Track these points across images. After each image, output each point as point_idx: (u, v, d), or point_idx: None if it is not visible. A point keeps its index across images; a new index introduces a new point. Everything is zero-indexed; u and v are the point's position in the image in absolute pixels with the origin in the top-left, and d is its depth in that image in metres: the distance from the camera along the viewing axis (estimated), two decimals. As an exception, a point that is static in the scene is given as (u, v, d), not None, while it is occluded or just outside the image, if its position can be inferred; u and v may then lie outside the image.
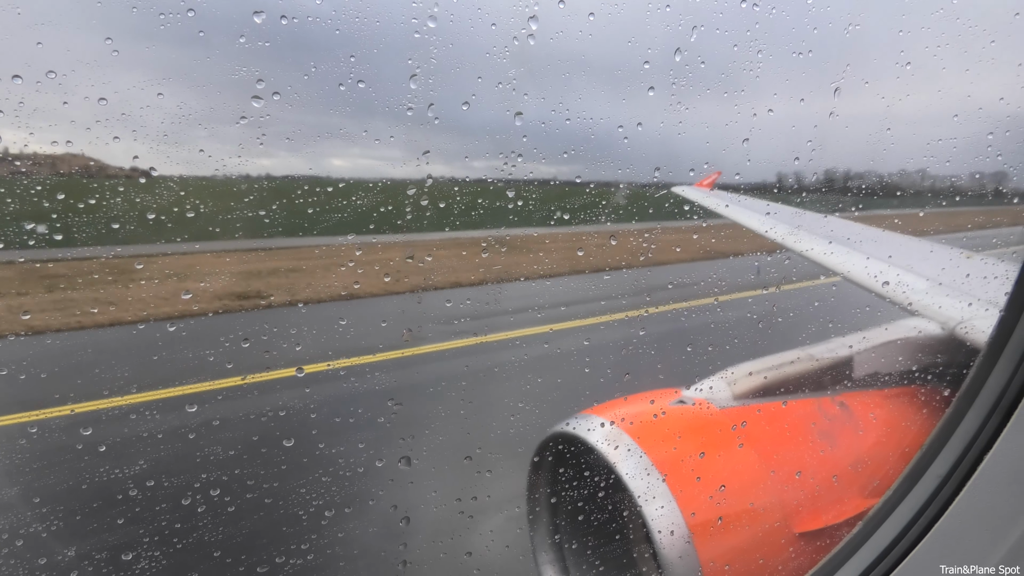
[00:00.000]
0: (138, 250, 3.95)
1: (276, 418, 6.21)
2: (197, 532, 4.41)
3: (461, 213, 3.39)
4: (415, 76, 2.02)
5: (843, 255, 3.50)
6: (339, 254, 7.24)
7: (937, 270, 3.18)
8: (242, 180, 2.95)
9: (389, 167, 2.68)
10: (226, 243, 3.87)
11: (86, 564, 4.17)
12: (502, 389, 6.96)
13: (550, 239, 6.83)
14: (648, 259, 3.92)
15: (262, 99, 2.01)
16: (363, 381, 7.28)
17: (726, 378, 2.77)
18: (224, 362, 7.44)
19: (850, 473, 2.44)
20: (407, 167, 2.33)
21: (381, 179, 3.23)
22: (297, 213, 3.55)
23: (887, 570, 1.44)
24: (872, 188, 3.15)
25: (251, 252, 9.73)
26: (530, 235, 6.55)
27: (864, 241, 3.79)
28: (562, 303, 10.29)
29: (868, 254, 3.51)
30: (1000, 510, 1.32)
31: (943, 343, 2.70)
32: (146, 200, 2.73)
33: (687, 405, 2.63)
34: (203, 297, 8.04)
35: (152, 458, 5.42)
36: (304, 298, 8.96)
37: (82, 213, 2.68)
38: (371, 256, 3.09)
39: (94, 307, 8.15)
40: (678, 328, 8.44)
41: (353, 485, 5.13)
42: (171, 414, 6.33)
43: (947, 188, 2.93)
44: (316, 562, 4.37)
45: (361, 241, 3.19)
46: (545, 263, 8.15)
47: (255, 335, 7.51)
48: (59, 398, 6.18)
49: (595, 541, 2.70)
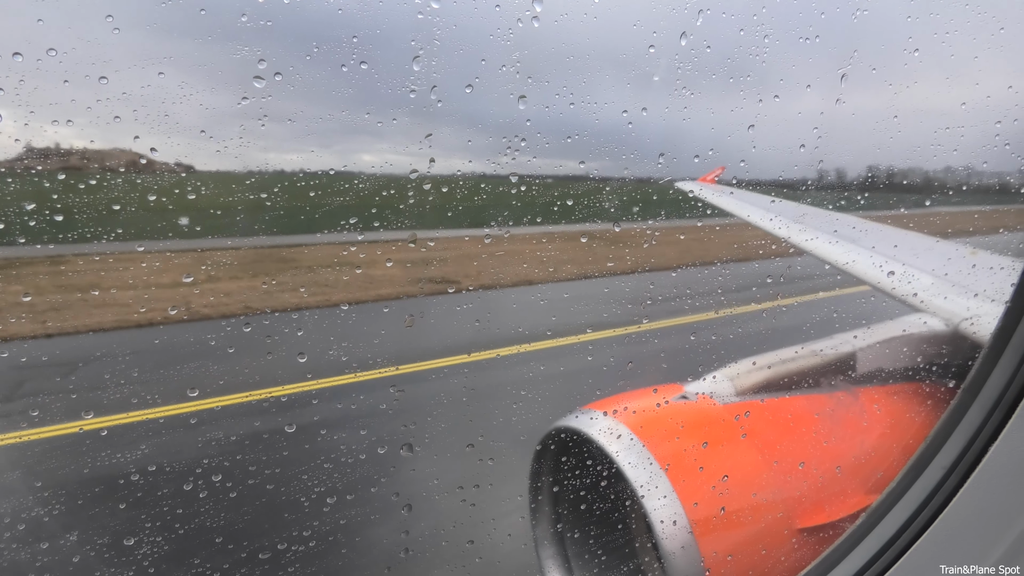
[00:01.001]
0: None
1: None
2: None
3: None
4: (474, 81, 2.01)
5: (847, 250, 3.49)
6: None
7: (941, 265, 3.16)
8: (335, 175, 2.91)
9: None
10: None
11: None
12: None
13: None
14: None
15: (263, 79, 1.99)
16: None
17: (728, 373, 2.77)
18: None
19: (852, 468, 2.43)
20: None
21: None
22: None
23: (886, 566, 1.43)
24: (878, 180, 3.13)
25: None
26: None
27: (868, 236, 3.77)
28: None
29: (872, 249, 3.50)
30: (1001, 507, 1.32)
31: (947, 339, 2.69)
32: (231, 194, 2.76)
33: (689, 400, 2.62)
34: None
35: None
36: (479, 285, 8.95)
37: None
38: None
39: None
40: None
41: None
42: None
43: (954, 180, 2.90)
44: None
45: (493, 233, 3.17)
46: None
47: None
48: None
49: (597, 534, 2.69)
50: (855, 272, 3.26)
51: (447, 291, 8.06)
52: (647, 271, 5.88)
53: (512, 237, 3.48)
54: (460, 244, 5.39)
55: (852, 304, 3.71)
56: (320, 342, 6.93)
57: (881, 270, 3.16)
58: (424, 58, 1.90)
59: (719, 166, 4.88)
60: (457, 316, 8.33)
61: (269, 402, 6.21)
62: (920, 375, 2.82)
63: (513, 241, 4.06)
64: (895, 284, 3.04)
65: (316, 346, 6.81)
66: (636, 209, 3.54)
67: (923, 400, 2.68)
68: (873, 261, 3.33)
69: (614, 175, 3.04)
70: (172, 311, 7.71)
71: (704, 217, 5.73)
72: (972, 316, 2.60)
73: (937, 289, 2.92)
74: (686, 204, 5.65)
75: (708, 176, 5.67)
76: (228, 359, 7.06)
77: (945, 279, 3.03)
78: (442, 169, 2.47)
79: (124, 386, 6.57)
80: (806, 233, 3.88)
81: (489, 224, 3.23)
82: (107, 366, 7.13)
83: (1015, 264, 2.98)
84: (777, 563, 2.22)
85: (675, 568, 2.08)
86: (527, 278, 8.83)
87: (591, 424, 2.41)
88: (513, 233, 3.31)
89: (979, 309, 2.64)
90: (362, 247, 3.10)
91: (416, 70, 1.91)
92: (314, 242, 9.29)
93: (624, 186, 3.31)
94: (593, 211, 3.31)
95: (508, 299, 9.14)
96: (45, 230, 2.71)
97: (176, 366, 7.07)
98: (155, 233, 3.03)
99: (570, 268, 8.85)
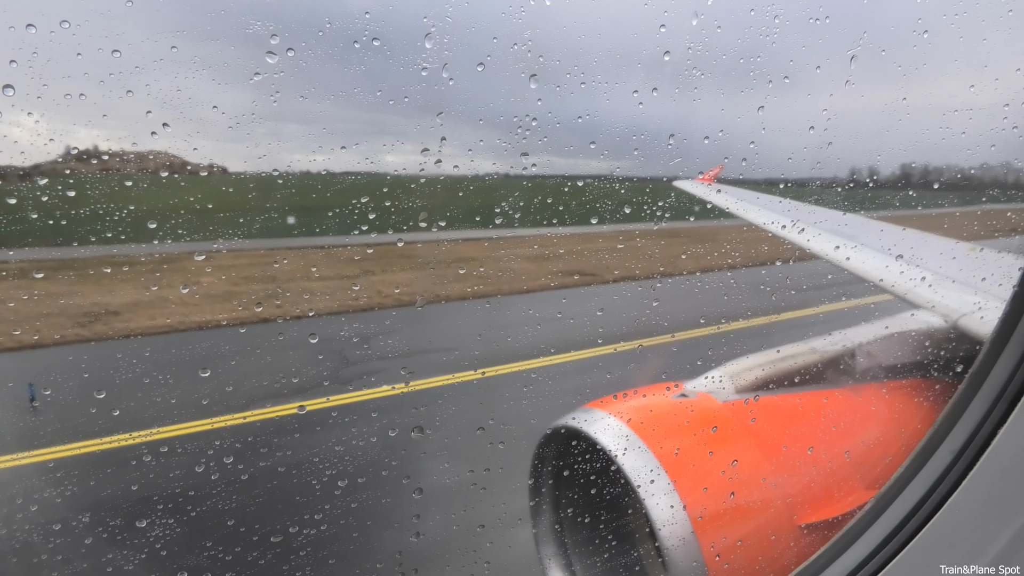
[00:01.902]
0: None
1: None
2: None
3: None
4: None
5: (847, 248, 3.49)
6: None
7: (939, 261, 3.16)
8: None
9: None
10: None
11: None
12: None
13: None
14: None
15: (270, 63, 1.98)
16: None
17: (728, 371, 2.77)
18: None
19: (851, 465, 2.44)
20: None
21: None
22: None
23: (884, 561, 1.43)
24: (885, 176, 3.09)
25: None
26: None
27: (868, 233, 3.78)
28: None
29: (871, 246, 3.50)
30: (1001, 504, 1.31)
31: (947, 335, 2.69)
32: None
33: (689, 398, 2.62)
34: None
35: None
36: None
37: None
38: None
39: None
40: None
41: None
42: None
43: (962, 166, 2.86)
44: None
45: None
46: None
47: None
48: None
49: (598, 532, 2.69)
50: (856, 269, 3.26)
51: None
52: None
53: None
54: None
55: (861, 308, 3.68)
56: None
57: (882, 267, 3.16)
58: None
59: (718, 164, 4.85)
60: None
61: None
62: (920, 371, 2.82)
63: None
64: (896, 280, 3.04)
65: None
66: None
67: (924, 396, 2.68)
68: (871, 259, 3.33)
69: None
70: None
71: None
72: (972, 311, 2.60)
73: (938, 285, 2.92)
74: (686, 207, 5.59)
75: (707, 175, 5.64)
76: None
77: (945, 275, 3.02)
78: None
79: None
80: (807, 232, 3.88)
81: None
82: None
83: (1017, 258, 2.98)
84: (777, 559, 2.22)
85: (676, 564, 2.08)
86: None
87: (591, 422, 2.42)
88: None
89: (980, 305, 2.64)
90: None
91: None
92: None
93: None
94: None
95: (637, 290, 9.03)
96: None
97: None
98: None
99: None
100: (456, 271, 8.39)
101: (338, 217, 3.20)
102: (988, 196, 3.61)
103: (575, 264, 11.35)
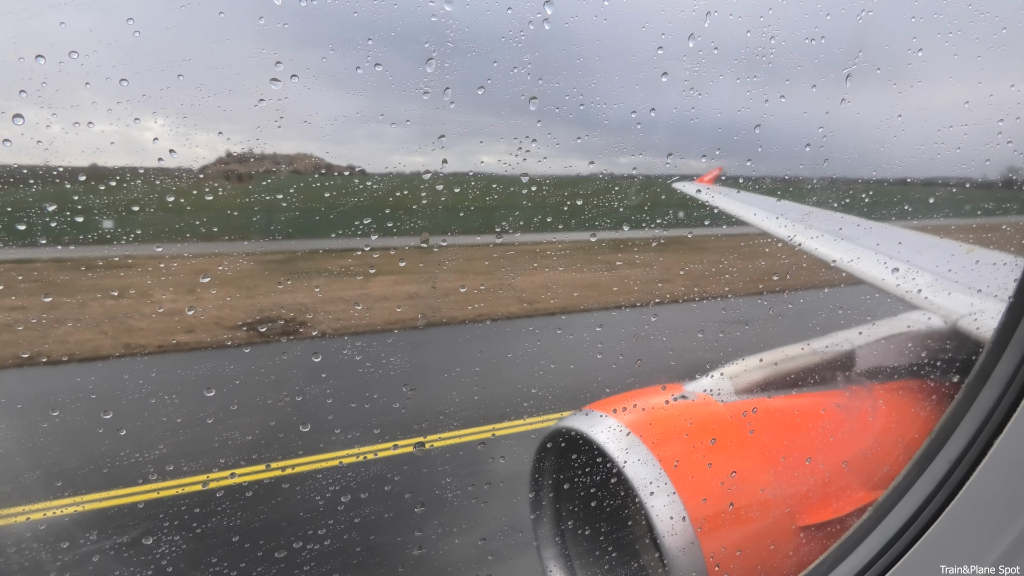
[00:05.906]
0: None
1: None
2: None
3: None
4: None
5: (848, 250, 3.49)
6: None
7: (942, 263, 3.16)
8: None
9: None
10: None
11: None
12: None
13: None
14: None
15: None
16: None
17: (729, 373, 2.76)
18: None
19: (852, 467, 2.44)
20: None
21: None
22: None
23: (888, 565, 1.43)
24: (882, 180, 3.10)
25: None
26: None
27: (868, 235, 3.77)
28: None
29: (872, 248, 3.50)
30: (1002, 506, 1.31)
31: (948, 336, 2.69)
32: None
33: (689, 400, 2.62)
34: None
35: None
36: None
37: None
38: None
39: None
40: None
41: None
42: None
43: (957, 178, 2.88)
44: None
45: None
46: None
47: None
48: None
49: (599, 535, 2.69)
50: (857, 271, 3.26)
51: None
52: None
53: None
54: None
55: (854, 301, 3.66)
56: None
57: (883, 268, 3.16)
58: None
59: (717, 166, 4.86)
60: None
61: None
62: (921, 372, 2.81)
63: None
64: (897, 282, 3.04)
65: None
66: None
67: (925, 397, 2.68)
68: (872, 261, 3.33)
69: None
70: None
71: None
72: (973, 313, 2.60)
73: (939, 286, 2.92)
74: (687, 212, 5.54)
75: (706, 176, 5.64)
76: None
77: (946, 276, 3.03)
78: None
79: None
80: (808, 233, 3.88)
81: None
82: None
83: (1017, 260, 2.98)
84: (779, 562, 2.22)
85: (677, 567, 2.08)
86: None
87: (592, 424, 2.41)
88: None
89: (980, 306, 2.64)
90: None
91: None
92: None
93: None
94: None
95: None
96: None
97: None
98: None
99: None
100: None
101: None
102: (984, 210, 3.61)
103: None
